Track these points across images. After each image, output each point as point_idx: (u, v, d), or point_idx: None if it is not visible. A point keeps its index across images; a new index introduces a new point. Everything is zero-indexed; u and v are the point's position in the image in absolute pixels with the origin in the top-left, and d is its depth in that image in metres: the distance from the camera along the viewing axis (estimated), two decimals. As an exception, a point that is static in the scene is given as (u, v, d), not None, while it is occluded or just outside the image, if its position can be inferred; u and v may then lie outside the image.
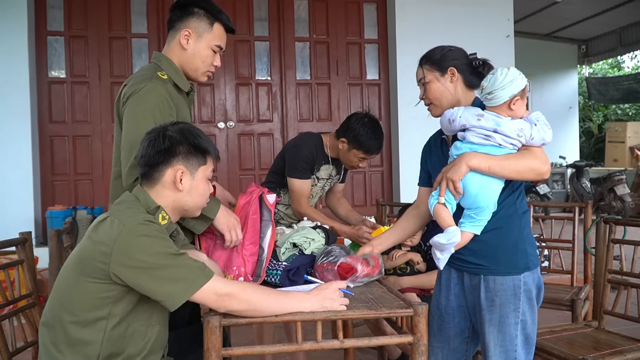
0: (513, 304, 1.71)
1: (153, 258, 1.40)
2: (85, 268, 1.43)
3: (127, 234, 1.40)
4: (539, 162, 1.66)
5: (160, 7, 5.16)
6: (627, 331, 2.40)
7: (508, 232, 1.74)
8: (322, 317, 1.49)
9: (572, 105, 10.93)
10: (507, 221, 1.74)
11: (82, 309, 1.44)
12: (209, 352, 1.44)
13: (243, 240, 1.83)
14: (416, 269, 2.60)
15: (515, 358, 1.73)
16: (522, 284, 1.71)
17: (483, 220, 1.71)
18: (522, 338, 1.73)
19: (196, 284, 1.41)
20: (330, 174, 2.75)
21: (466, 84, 1.83)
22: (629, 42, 9.81)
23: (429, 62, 1.84)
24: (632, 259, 2.34)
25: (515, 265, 1.72)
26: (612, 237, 2.43)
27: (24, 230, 2.11)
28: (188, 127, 1.60)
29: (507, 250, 1.73)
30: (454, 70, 1.80)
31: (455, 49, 1.87)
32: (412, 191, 2.09)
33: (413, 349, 1.52)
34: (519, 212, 1.77)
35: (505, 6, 5.63)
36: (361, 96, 5.61)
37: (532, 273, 1.74)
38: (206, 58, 1.90)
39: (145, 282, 1.40)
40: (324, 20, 5.53)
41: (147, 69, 1.88)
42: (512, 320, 1.71)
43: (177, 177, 1.53)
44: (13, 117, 4.60)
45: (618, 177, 8.10)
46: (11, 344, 1.86)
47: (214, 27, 1.90)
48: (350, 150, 2.59)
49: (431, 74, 1.83)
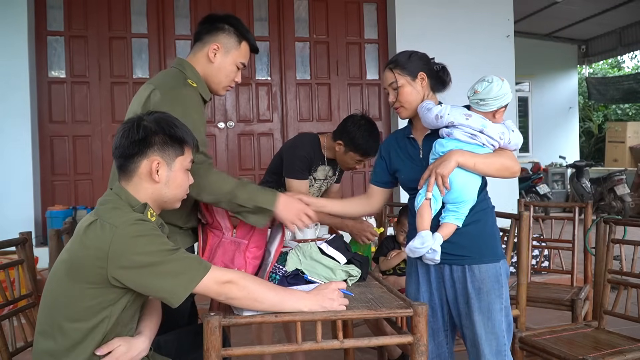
0: (497, 290, 1.82)
1: (151, 257, 1.39)
2: (80, 274, 1.41)
3: (121, 237, 1.38)
4: (513, 162, 1.83)
5: (160, 7, 5.16)
6: (627, 331, 2.40)
7: (485, 224, 1.87)
8: (322, 317, 1.49)
9: (572, 105, 10.92)
10: (483, 215, 1.87)
11: (83, 314, 1.42)
12: (208, 352, 1.44)
13: (248, 243, 1.84)
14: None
15: (505, 344, 1.83)
16: (502, 271, 1.85)
17: (463, 214, 1.82)
18: (505, 323, 1.84)
19: (197, 276, 1.42)
20: (327, 175, 2.75)
21: (432, 88, 1.93)
22: (629, 42, 9.80)
23: (399, 67, 1.92)
24: (632, 259, 2.34)
25: (494, 254, 1.86)
26: (612, 237, 2.43)
27: (24, 230, 2.11)
28: (164, 117, 1.56)
29: (487, 240, 1.87)
30: (423, 75, 1.90)
31: (421, 53, 1.95)
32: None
33: (413, 349, 1.52)
34: (490, 207, 1.92)
35: (505, 6, 5.63)
36: (361, 96, 5.61)
37: (504, 261, 1.90)
38: (230, 73, 1.97)
39: (147, 281, 1.40)
40: (324, 20, 5.53)
41: (174, 75, 1.90)
42: (497, 306, 1.82)
43: (153, 168, 1.50)
44: (13, 117, 4.61)
45: (618, 177, 8.11)
46: (11, 344, 1.85)
47: (242, 45, 1.97)
48: (347, 152, 2.59)
49: (403, 78, 1.90)
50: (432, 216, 1.82)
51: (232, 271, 1.53)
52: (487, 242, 1.86)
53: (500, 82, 1.79)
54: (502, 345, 1.82)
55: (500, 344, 1.81)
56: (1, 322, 1.85)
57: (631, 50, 10.52)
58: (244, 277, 1.48)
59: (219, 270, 1.47)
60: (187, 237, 1.91)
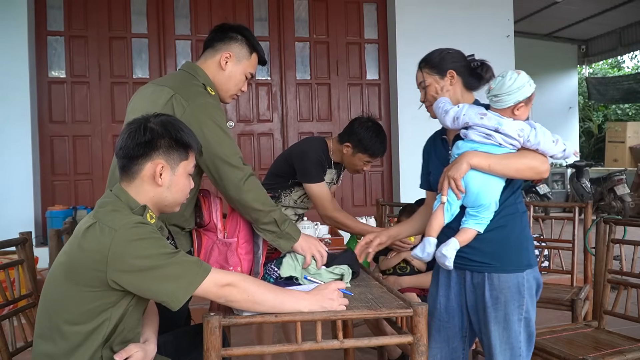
0: (517, 301, 1.73)
1: (151, 260, 1.38)
2: (79, 278, 1.40)
3: (121, 240, 1.37)
4: (538, 162, 1.70)
5: (160, 7, 5.17)
6: (627, 331, 2.40)
7: (511, 231, 1.76)
8: (322, 317, 1.49)
9: (572, 105, 10.93)
10: (509, 220, 1.76)
11: (83, 317, 1.42)
12: (208, 352, 1.44)
13: (238, 239, 1.86)
14: (416, 268, 2.60)
15: (520, 355, 1.75)
16: (525, 282, 1.73)
17: (486, 219, 1.73)
18: (525, 335, 1.75)
19: (197, 279, 1.41)
20: (332, 178, 2.75)
21: (465, 86, 1.85)
22: (629, 42, 9.80)
23: (428, 66, 1.86)
24: (632, 259, 2.34)
25: (519, 263, 1.75)
26: (612, 237, 2.43)
27: (24, 230, 2.10)
28: (171, 120, 1.56)
29: (511, 248, 1.75)
30: (453, 73, 1.83)
31: (453, 51, 1.88)
32: (412, 191, 2.09)
33: (413, 349, 1.52)
34: (519, 211, 1.80)
35: (505, 6, 5.63)
36: (361, 96, 5.61)
37: (533, 270, 1.77)
38: (238, 82, 2.01)
39: (147, 285, 1.39)
40: (324, 20, 5.53)
41: (191, 81, 1.90)
42: (516, 317, 1.73)
43: (157, 171, 1.49)
44: (13, 117, 4.61)
45: (618, 177, 8.10)
46: (11, 344, 1.85)
47: (252, 56, 2.01)
48: (355, 154, 2.60)
49: (430, 77, 1.85)
50: (444, 222, 1.76)
51: (232, 273, 1.53)
52: (512, 249, 1.75)
53: (515, 76, 1.70)
54: (516, 357, 1.75)
55: (514, 355, 1.74)
56: (1, 322, 1.85)
57: (631, 50, 10.52)
58: (244, 279, 1.48)
59: (219, 272, 1.47)
60: (190, 238, 1.93)
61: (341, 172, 2.80)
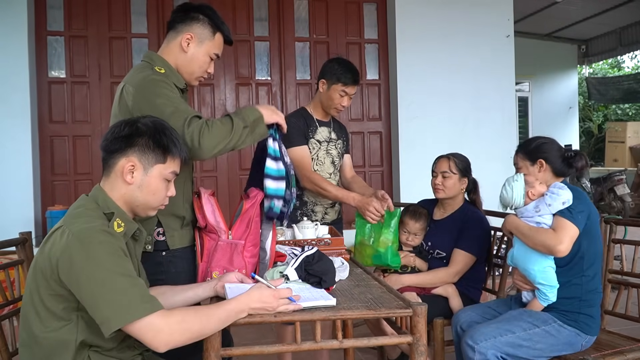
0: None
1: (95, 271, 1.31)
2: (42, 281, 1.38)
3: (74, 242, 1.33)
4: (553, 242, 1.96)
5: (160, 7, 5.16)
6: (627, 331, 2.40)
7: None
8: (321, 317, 1.49)
9: (572, 105, 10.93)
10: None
11: (51, 322, 1.38)
12: (208, 352, 1.44)
13: (245, 242, 1.84)
14: (417, 268, 2.60)
15: None
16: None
17: (546, 295, 2.05)
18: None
19: (135, 313, 1.29)
20: (329, 137, 2.78)
21: (554, 172, 2.16)
22: (629, 42, 9.80)
23: (523, 151, 2.20)
24: (633, 259, 2.34)
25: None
26: (612, 237, 2.43)
27: (24, 230, 2.11)
28: (161, 122, 1.55)
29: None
30: (542, 162, 2.14)
31: (549, 141, 2.19)
32: (412, 191, 2.10)
33: (412, 349, 1.52)
34: (583, 298, 2.09)
35: (505, 6, 5.62)
36: (361, 96, 5.60)
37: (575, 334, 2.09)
38: (203, 64, 1.95)
39: (85, 297, 1.32)
40: (324, 20, 5.52)
41: (142, 67, 1.88)
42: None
43: (126, 168, 1.48)
44: (13, 117, 4.60)
45: (618, 177, 8.10)
46: (11, 344, 1.86)
47: (216, 36, 1.95)
48: (330, 87, 2.69)
49: (522, 162, 2.19)
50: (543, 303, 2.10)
51: (175, 321, 1.34)
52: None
53: (509, 189, 2.09)
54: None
55: None
56: (1, 322, 1.85)
57: (631, 50, 10.52)
58: (184, 320, 1.35)
59: (164, 317, 1.32)
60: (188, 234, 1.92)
61: (340, 132, 2.84)
